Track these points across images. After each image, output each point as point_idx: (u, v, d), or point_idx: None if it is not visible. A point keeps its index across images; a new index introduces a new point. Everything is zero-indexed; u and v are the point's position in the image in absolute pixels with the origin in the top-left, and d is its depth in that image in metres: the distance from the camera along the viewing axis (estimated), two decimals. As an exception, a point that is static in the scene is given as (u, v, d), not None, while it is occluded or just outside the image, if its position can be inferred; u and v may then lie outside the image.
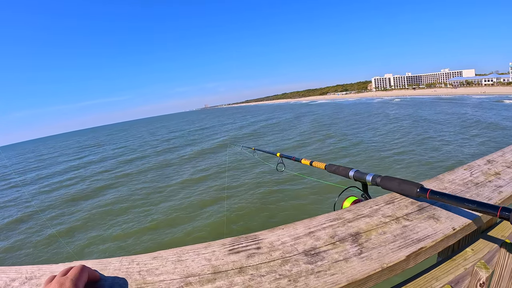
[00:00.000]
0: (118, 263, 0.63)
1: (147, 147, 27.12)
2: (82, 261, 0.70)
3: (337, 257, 0.60)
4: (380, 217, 0.74)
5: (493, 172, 1.00)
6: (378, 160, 10.87)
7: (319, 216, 0.74)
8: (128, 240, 7.03)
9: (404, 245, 0.64)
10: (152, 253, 0.64)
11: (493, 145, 11.52)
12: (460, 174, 0.99)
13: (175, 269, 0.59)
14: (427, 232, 0.69)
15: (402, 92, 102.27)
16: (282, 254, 0.61)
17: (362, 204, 0.80)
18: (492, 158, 1.13)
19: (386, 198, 0.83)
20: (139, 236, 7.12)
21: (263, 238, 0.66)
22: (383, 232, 0.68)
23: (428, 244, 0.65)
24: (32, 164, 28.87)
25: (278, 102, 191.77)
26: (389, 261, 0.60)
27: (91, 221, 8.73)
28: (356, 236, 0.66)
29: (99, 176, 15.63)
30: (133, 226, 7.74)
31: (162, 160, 17.55)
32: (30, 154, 48.88)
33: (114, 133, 72.14)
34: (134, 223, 7.93)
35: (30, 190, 14.77)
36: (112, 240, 7.17)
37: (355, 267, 0.57)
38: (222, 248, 0.64)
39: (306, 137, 18.49)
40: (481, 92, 59.06)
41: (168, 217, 7.95)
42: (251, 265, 0.58)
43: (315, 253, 0.61)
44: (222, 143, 19.34)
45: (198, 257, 0.61)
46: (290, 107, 77.42)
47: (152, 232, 7.20)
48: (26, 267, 0.68)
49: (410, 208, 0.78)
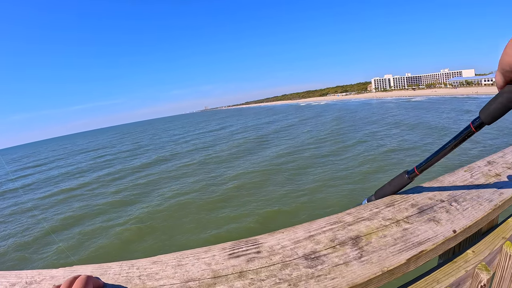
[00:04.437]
0: (118, 267, 0.63)
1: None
2: (82, 265, 0.70)
3: (337, 261, 0.60)
4: (380, 220, 0.73)
5: (493, 174, 1.00)
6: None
7: (319, 219, 0.74)
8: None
9: (405, 248, 0.64)
10: (152, 258, 0.64)
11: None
12: (460, 175, 0.99)
13: (175, 274, 0.59)
14: (428, 235, 0.68)
15: (402, 93, 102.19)
16: (282, 258, 0.61)
17: (362, 207, 0.80)
18: (493, 159, 1.13)
19: (386, 201, 0.83)
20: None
21: (263, 242, 0.66)
22: (384, 236, 0.68)
23: (429, 247, 0.65)
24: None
25: (280, 103, 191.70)
26: (390, 265, 0.59)
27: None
28: (356, 239, 0.66)
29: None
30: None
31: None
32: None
33: (131, 134, 70.23)
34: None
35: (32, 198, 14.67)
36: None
37: (356, 271, 0.57)
38: (222, 252, 0.63)
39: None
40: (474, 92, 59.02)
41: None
42: (251, 269, 0.58)
43: (315, 257, 0.61)
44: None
45: (198, 261, 0.61)
46: (293, 109, 76.00)
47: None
48: (26, 272, 0.68)
49: (410, 211, 0.78)
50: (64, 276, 0.64)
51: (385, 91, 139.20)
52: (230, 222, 7.66)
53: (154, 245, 7.29)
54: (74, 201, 12.41)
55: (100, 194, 12.83)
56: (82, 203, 11.80)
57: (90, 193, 13.29)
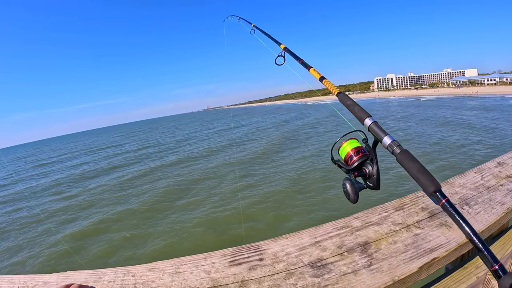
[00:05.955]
0: (113, 274, 0.60)
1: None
2: (76, 271, 0.67)
3: (345, 269, 0.56)
4: (389, 225, 0.70)
5: (504, 175, 0.96)
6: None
7: (325, 224, 0.70)
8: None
9: (416, 256, 0.60)
10: (148, 264, 0.61)
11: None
12: (471, 177, 0.95)
13: (172, 282, 0.55)
14: (440, 241, 0.65)
15: (405, 93, 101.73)
16: (287, 266, 0.57)
17: (370, 211, 0.76)
18: (503, 160, 1.09)
19: (396, 204, 0.79)
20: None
21: (266, 248, 0.63)
22: (394, 242, 0.64)
23: (442, 254, 0.62)
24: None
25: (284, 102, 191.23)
26: (401, 273, 0.56)
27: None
28: (365, 246, 0.63)
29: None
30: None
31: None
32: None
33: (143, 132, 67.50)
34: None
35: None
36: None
37: (365, 281, 0.54)
38: (222, 259, 0.60)
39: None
40: (474, 92, 58.56)
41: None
42: (253, 278, 0.55)
43: (321, 265, 0.57)
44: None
45: (197, 269, 0.58)
46: (304, 108, 73.78)
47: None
48: (19, 277, 0.67)
49: (421, 215, 0.74)
50: (57, 282, 0.62)
51: (388, 90, 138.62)
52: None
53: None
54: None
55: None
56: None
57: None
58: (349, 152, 0.94)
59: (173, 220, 8.04)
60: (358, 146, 0.95)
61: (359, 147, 0.94)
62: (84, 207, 10.79)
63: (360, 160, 0.91)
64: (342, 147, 0.97)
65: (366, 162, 0.91)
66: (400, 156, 0.76)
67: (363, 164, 0.92)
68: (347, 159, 0.95)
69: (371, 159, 0.91)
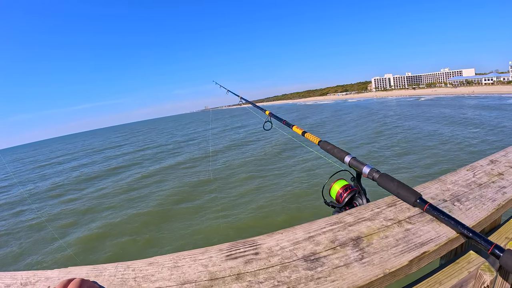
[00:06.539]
0: (114, 269, 0.61)
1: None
2: (77, 267, 0.68)
3: (338, 262, 0.58)
4: (381, 221, 0.72)
5: (496, 173, 0.98)
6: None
7: (319, 220, 0.72)
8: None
9: (407, 250, 0.62)
10: (148, 259, 0.63)
11: None
12: (462, 175, 0.97)
13: (171, 276, 0.57)
14: (430, 236, 0.67)
15: (403, 92, 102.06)
16: (281, 260, 0.59)
17: (363, 207, 0.78)
18: (495, 158, 1.11)
19: (388, 201, 0.81)
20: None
21: (262, 243, 0.65)
22: (385, 236, 0.66)
23: (432, 248, 0.64)
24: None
25: (282, 103, 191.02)
26: (392, 266, 0.58)
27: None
28: (357, 240, 0.65)
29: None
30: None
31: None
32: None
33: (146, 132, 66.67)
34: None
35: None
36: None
37: (356, 273, 0.56)
38: (219, 254, 0.62)
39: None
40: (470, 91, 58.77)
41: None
42: (249, 271, 0.57)
43: (315, 259, 0.59)
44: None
45: (194, 263, 0.60)
46: (305, 108, 73.43)
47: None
48: (21, 273, 0.68)
49: (412, 211, 0.76)
50: (59, 277, 0.63)
51: (386, 90, 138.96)
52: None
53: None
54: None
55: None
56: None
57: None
58: (338, 191, 1.09)
59: (178, 226, 8.05)
60: (346, 184, 1.09)
61: (346, 185, 1.09)
62: (84, 210, 10.78)
63: (350, 196, 1.06)
64: (332, 189, 1.13)
65: (355, 196, 1.06)
66: (380, 180, 0.86)
67: (353, 198, 1.06)
68: (338, 197, 1.09)
69: (359, 192, 1.05)
